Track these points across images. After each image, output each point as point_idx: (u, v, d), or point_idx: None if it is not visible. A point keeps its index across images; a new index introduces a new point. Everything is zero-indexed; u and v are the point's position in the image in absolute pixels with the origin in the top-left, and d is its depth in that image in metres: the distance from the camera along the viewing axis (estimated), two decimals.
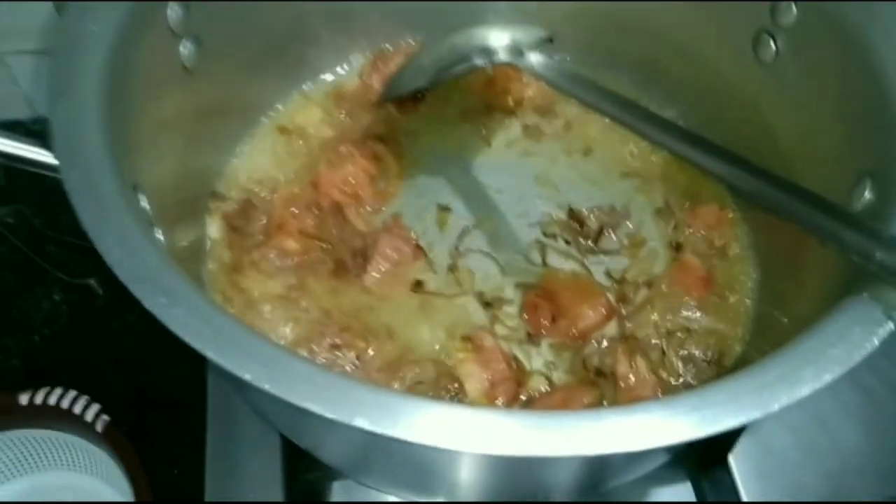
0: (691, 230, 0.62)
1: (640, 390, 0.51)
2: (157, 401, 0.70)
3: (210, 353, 0.31)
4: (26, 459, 0.64)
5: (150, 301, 0.33)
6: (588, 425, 0.32)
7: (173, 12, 0.48)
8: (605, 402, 0.52)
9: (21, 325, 0.73)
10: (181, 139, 0.52)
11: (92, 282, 0.75)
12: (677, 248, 0.62)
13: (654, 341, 0.56)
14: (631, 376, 0.51)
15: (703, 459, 0.60)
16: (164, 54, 0.49)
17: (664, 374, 0.54)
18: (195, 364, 0.71)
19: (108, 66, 0.41)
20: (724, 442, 0.60)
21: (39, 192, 0.81)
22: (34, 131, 0.85)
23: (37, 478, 0.66)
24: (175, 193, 0.53)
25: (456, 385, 0.52)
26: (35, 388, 0.63)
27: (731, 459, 0.59)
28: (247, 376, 0.31)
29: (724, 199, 0.63)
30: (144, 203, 0.41)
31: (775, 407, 0.33)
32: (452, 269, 0.59)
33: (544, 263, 0.60)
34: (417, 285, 0.58)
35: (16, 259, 0.76)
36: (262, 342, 0.32)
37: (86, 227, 0.34)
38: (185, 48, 0.51)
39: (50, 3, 0.72)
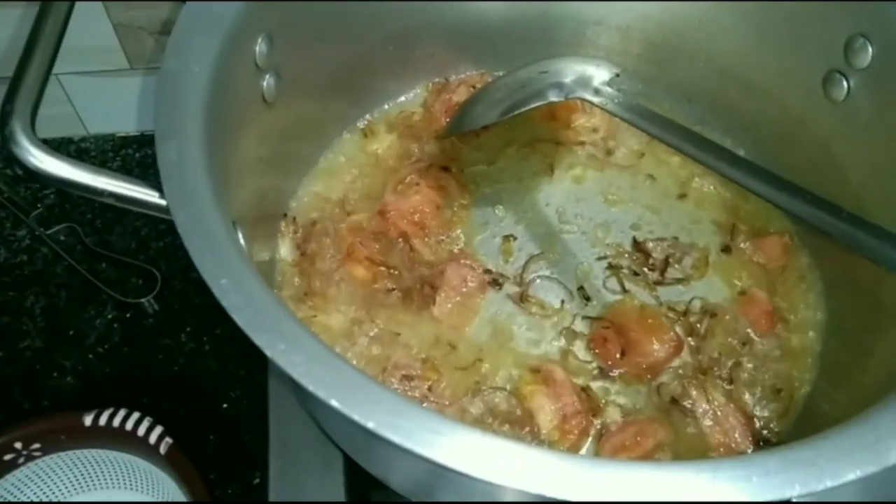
0: (756, 261, 0.62)
1: (723, 424, 0.51)
2: (210, 420, 0.70)
3: (334, 402, 0.32)
4: (88, 478, 0.65)
5: (272, 349, 0.33)
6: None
7: (260, 48, 0.49)
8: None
9: (76, 343, 0.74)
10: (259, 168, 0.53)
11: (144, 301, 0.76)
12: (741, 278, 0.62)
13: (722, 373, 0.56)
14: (708, 408, 0.51)
15: None
16: (249, 89, 0.50)
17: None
18: (245, 385, 0.72)
19: (205, 105, 0.42)
20: None
21: (92, 210, 0.82)
22: (84, 149, 0.86)
23: (97, 496, 0.66)
24: (251, 217, 0.53)
25: (528, 419, 0.52)
26: (97, 409, 0.63)
27: None
28: (370, 425, 0.31)
29: (789, 232, 0.63)
30: (242, 240, 0.42)
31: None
32: (522, 299, 0.59)
33: (611, 294, 0.60)
34: (486, 316, 0.58)
35: (70, 278, 0.77)
36: (381, 388, 0.33)
37: (202, 271, 0.35)
38: (267, 82, 0.52)
39: (107, 27, 0.73)
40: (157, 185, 0.39)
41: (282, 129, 0.56)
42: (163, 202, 0.38)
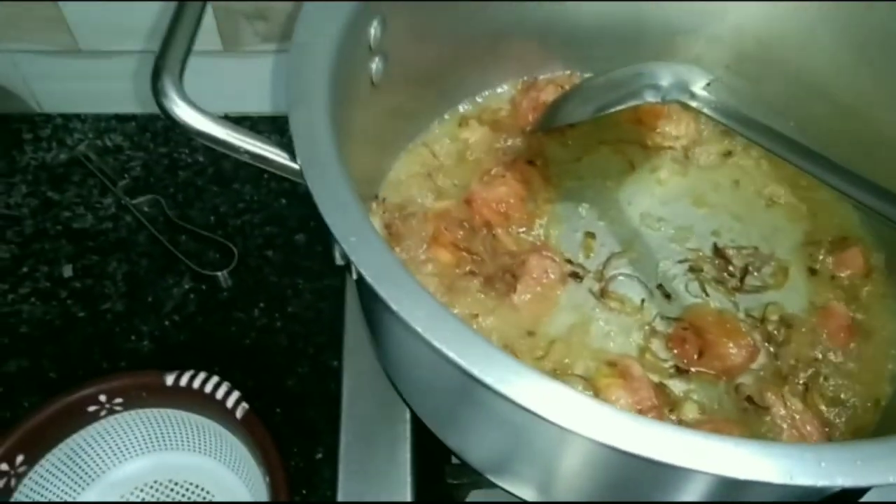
0: (836, 273, 0.62)
1: (800, 430, 0.51)
2: (277, 394, 0.72)
3: (451, 353, 0.33)
4: (162, 437, 0.67)
5: (398, 303, 0.34)
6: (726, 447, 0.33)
7: (374, 31, 0.51)
8: None
9: (153, 309, 0.77)
10: (360, 146, 0.55)
11: (219, 275, 0.78)
12: (820, 287, 0.62)
13: (799, 380, 0.56)
14: (783, 412, 0.52)
15: None
16: (361, 69, 0.52)
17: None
18: (313, 362, 0.73)
19: (328, 78, 0.44)
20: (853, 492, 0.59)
21: (175, 184, 0.85)
22: (169, 126, 0.89)
23: (162, 456, 0.68)
24: None
25: None
26: (178, 371, 0.65)
27: None
28: (488, 380, 0.33)
29: (869, 248, 0.63)
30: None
31: None
32: (603, 294, 0.60)
33: (691, 297, 0.61)
34: (565, 308, 0.59)
35: (151, 247, 0.80)
36: (498, 351, 0.34)
37: (332, 229, 0.36)
38: (376, 64, 0.54)
39: (155, 6, 0.74)
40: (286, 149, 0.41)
41: (382, 112, 0.58)
42: (293, 164, 0.40)
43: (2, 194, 0.83)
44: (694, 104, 0.55)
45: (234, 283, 0.79)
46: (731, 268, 0.62)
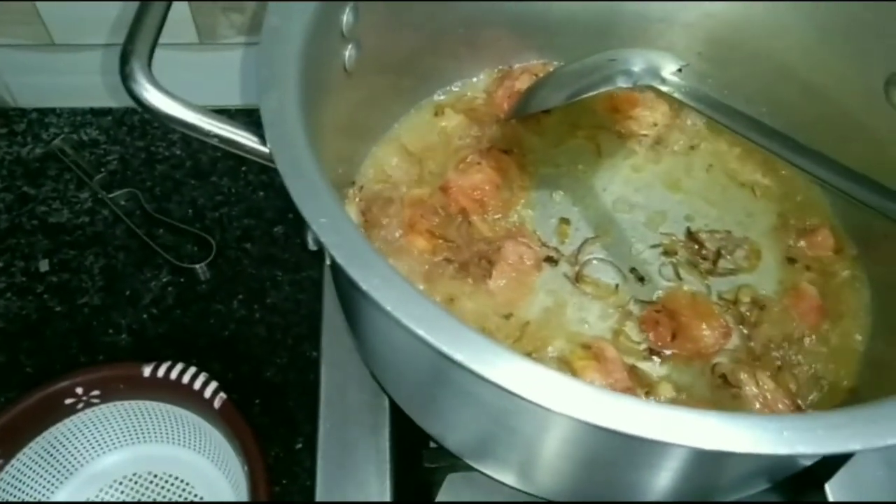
0: (807, 255, 0.63)
1: (772, 407, 0.52)
2: (256, 385, 0.72)
3: (423, 333, 0.33)
4: (139, 429, 0.67)
5: (367, 283, 0.35)
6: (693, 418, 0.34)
7: (347, 18, 0.51)
8: None
9: (131, 302, 0.77)
10: (334, 134, 0.55)
11: (198, 267, 0.78)
12: (791, 269, 0.63)
13: (771, 360, 0.57)
14: (755, 390, 0.53)
15: (801, 486, 0.61)
16: (334, 56, 0.52)
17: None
18: (292, 353, 0.74)
19: (299, 64, 0.44)
20: (823, 470, 0.61)
21: (152, 178, 0.85)
22: (146, 119, 0.89)
23: (141, 449, 0.68)
24: None
25: None
26: (155, 362, 0.65)
27: (828, 488, 0.60)
28: (460, 357, 0.33)
29: (839, 231, 0.64)
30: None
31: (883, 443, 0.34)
32: (577, 279, 0.61)
33: (665, 281, 0.62)
34: (541, 292, 0.60)
35: (129, 241, 0.80)
36: (467, 329, 0.35)
37: (302, 210, 0.37)
38: (349, 52, 0.54)
39: (184, 5, 0.76)
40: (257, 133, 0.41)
41: (356, 99, 0.58)
42: (263, 148, 0.40)
43: None
44: (665, 89, 0.56)
45: (212, 275, 0.79)
46: (704, 251, 0.63)
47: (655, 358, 0.58)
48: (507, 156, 0.66)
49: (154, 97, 0.38)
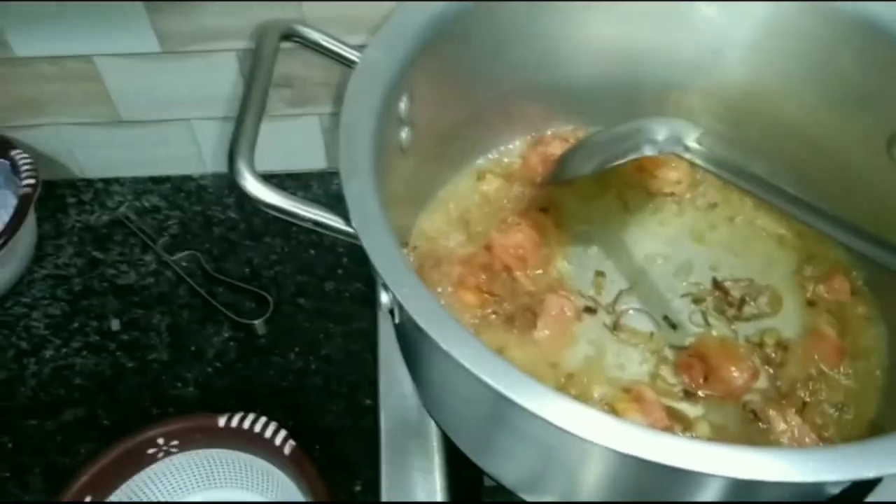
0: (825, 299, 0.68)
1: (800, 442, 0.57)
2: (315, 432, 0.76)
3: (494, 384, 0.39)
4: (214, 476, 0.72)
5: (447, 343, 0.41)
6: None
7: (403, 104, 0.58)
8: None
9: (196, 357, 0.82)
10: (395, 206, 0.62)
11: (256, 323, 0.84)
12: (811, 313, 0.68)
13: (797, 397, 0.62)
14: (784, 426, 0.58)
15: None
16: (393, 138, 0.59)
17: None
18: (347, 401, 0.79)
19: (371, 150, 0.51)
20: (852, 497, 0.65)
21: (210, 240, 0.91)
22: (202, 185, 0.95)
23: (214, 494, 0.73)
24: None
25: None
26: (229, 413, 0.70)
27: None
28: (527, 404, 0.39)
29: (854, 274, 0.70)
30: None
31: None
32: (615, 327, 0.66)
33: (695, 327, 0.67)
34: (582, 341, 0.66)
35: (191, 300, 0.85)
36: (526, 377, 0.41)
37: (388, 283, 0.43)
38: (405, 134, 0.61)
39: (240, 81, 0.82)
40: (339, 213, 0.48)
41: (411, 172, 0.65)
42: (349, 228, 0.46)
43: (51, 255, 0.89)
44: (687, 156, 0.62)
45: (269, 329, 0.84)
46: (729, 299, 0.68)
47: (691, 399, 0.63)
48: (544, 215, 0.72)
49: (257, 189, 0.45)
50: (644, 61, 0.73)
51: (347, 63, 0.56)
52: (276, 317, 0.84)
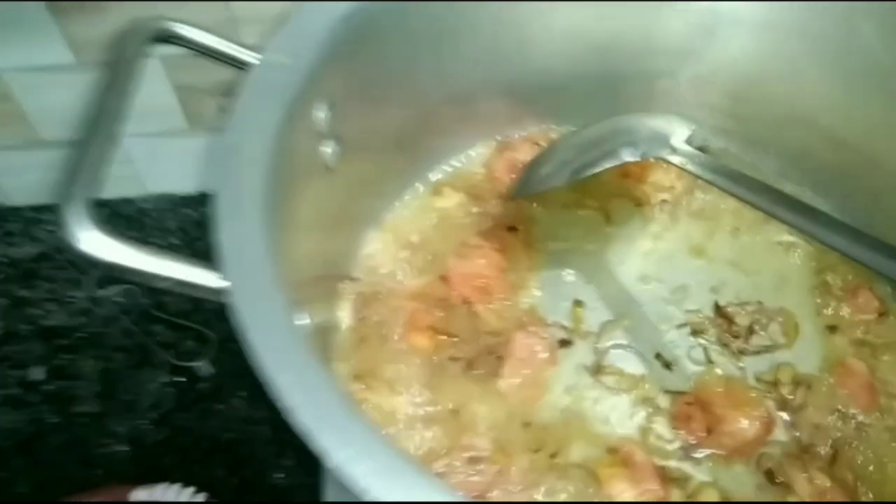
0: (849, 320, 0.57)
1: None
2: (263, 489, 0.68)
3: None
4: None
5: (338, 455, 0.30)
6: None
7: (320, 114, 0.48)
8: None
9: (130, 408, 0.73)
10: (320, 234, 0.51)
11: (199, 364, 0.75)
12: (834, 341, 0.57)
13: (822, 450, 0.51)
14: (809, 489, 0.47)
15: None
16: (310, 157, 0.48)
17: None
18: (300, 453, 0.69)
19: (267, 177, 0.40)
20: None
21: None
22: (143, 209, 0.86)
23: None
24: (311, 283, 0.52)
25: None
26: (143, 482, 0.62)
27: None
28: None
29: (881, 288, 0.59)
30: (305, 319, 0.39)
31: None
32: (597, 371, 0.55)
33: (694, 366, 0.56)
34: (558, 390, 0.54)
35: (126, 341, 0.76)
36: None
37: (262, 365, 0.32)
38: (329, 148, 0.50)
39: (171, 91, 0.74)
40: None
41: (343, 192, 0.54)
42: (225, 284, 0.36)
43: None
44: (676, 160, 0.51)
45: (214, 371, 0.75)
46: (734, 328, 0.57)
47: (692, 457, 0.52)
48: (511, 234, 0.62)
49: (94, 246, 0.35)
50: (624, 47, 0.62)
51: (240, 66, 0.45)
52: (220, 357, 0.75)
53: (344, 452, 0.31)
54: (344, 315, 0.57)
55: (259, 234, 0.37)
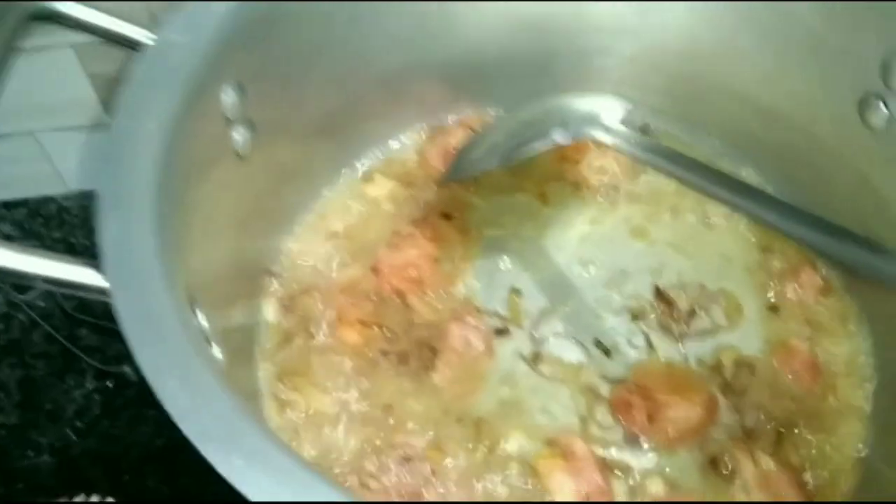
0: (791, 300, 0.56)
1: (775, 492, 0.45)
2: (200, 499, 0.64)
3: None
4: None
5: (225, 465, 0.28)
6: None
7: (228, 97, 0.44)
8: None
9: (53, 418, 0.69)
10: (234, 227, 0.48)
11: (126, 368, 0.71)
12: (776, 322, 0.56)
13: (767, 432, 0.50)
14: (756, 473, 0.45)
15: None
16: (218, 144, 0.45)
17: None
18: None
19: (163, 167, 0.37)
20: None
21: None
22: (65, 207, 0.82)
23: None
24: (227, 279, 0.49)
25: (547, 501, 0.46)
26: (68, 495, 0.61)
27: None
28: None
29: (827, 271, 0.57)
30: (203, 320, 0.36)
31: None
32: (535, 360, 0.53)
33: (635, 352, 0.54)
34: (494, 382, 0.52)
35: (48, 347, 0.73)
36: None
37: (144, 371, 0.29)
38: (239, 134, 0.47)
39: (86, 81, 0.70)
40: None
41: (260, 182, 0.51)
42: (106, 284, 0.32)
43: None
44: (608, 140, 0.49)
45: (142, 376, 0.71)
46: (675, 312, 0.55)
47: (635, 446, 0.50)
48: (445, 222, 0.59)
49: None
50: (557, 25, 0.60)
51: (133, 47, 0.41)
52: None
53: (236, 461, 0.28)
54: (268, 312, 0.54)
55: (148, 228, 0.34)
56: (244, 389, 0.50)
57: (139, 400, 0.70)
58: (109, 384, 0.71)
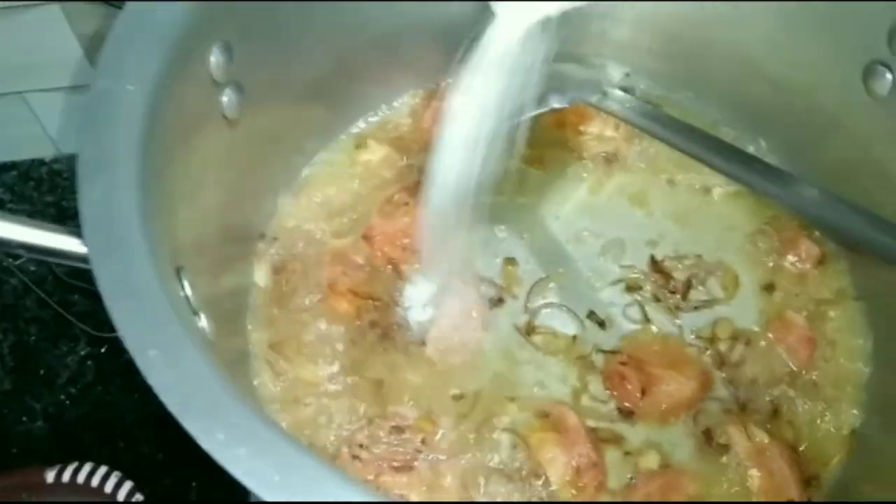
0: (789, 271, 0.55)
1: (768, 465, 0.45)
2: (192, 465, 0.64)
3: None
4: None
5: (207, 440, 0.27)
6: None
7: (216, 59, 0.43)
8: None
9: (47, 383, 0.69)
10: (223, 193, 0.47)
11: (118, 335, 0.70)
12: (772, 295, 0.55)
13: (761, 406, 0.50)
14: (750, 446, 0.45)
15: None
16: (205, 107, 0.44)
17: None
18: None
19: (145, 130, 0.36)
20: None
21: None
22: (56, 170, 0.80)
23: None
24: (216, 245, 0.48)
25: (538, 473, 0.45)
26: (63, 461, 0.60)
27: None
28: None
29: (826, 242, 0.56)
30: (188, 289, 0.35)
31: None
32: (528, 331, 0.52)
33: (630, 324, 0.53)
34: (487, 353, 0.52)
35: (41, 312, 0.72)
36: (349, 484, 0.26)
37: (126, 341, 0.29)
38: (227, 97, 0.45)
39: (74, 40, 0.68)
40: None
41: (251, 146, 0.50)
42: (84, 250, 0.31)
43: None
44: (604, 105, 0.47)
45: None
46: (672, 283, 0.54)
47: (628, 419, 0.50)
48: None
49: None
50: None
51: (116, 5, 0.40)
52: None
53: (219, 434, 0.27)
54: (260, 278, 0.54)
55: (131, 194, 0.33)
56: (234, 358, 0.49)
57: (133, 366, 0.70)
58: (103, 350, 0.71)
